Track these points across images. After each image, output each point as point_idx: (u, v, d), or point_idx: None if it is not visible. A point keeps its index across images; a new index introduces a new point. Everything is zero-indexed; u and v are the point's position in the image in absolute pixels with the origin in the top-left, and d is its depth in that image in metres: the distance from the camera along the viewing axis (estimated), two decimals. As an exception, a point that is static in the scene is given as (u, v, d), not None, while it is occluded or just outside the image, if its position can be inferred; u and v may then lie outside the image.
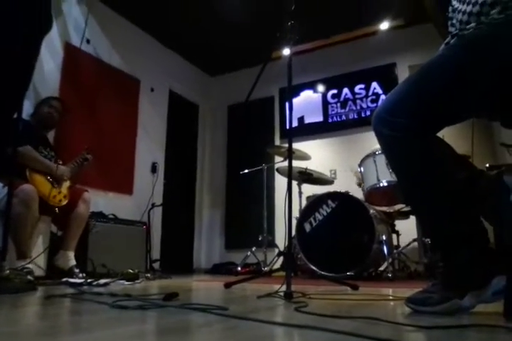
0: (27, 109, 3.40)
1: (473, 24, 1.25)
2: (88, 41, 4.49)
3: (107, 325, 0.97)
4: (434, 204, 1.28)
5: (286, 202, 2.07)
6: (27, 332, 0.88)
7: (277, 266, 4.27)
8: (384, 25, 5.23)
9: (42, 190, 2.77)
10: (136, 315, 1.13)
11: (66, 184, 3.05)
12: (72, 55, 4.27)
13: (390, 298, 1.90)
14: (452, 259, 1.25)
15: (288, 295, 1.61)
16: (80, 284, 2.32)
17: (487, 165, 1.82)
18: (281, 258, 4.30)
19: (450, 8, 1.40)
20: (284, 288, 1.73)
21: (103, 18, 4.71)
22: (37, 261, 2.68)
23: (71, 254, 2.97)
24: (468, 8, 1.28)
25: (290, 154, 2.14)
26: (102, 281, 2.37)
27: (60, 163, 3.13)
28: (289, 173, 2.09)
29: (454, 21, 1.35)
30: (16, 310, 1.29)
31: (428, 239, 3.42)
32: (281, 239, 4.17)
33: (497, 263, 1.21)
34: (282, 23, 2.33)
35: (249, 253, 4.55)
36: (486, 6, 1.23)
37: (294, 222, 3.73)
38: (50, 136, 3.61)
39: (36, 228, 2.79)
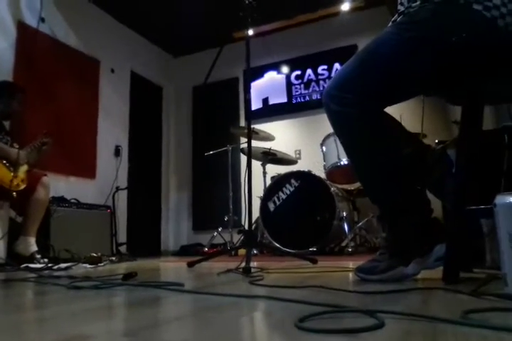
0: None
1: (418, 2, 1.29)
2: (43, 20, 4.31)
3: (60, 303, 0.98)
4: (381, 178, 1.33)
5: (246, 181, 2.10)
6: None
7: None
8: (345, 7, 5.26)
9: (-2, 175, 2.70)
10: (90, 294, 1.14)
11: (23, 168, 2.98)
12: (26, 34, 4.10)
13: (344, 269, 1.97)
14: (397, 229, 1.31)
15: (246, 270, 1.65)
16: (41, 269, 2.29)
17: (436, 140, 1.89)
18: (247, 238, 4.35)
19: None
20: (244, 264, 1.77)
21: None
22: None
23: (32, 240, 2.92)
24: None
25: (249, 134, 2.16)
26: (64, 265, 2.35)
27: (17, 147, 3.05)
28: (249, 152, 2.11)
29: (403, 0, 1.38)
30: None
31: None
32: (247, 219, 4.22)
33: (439, 232, 1.28)
34: (242, 2, 2.31)
35: (215, 233, 4.59)
36: None
37: (259, 202, 3.78)
38: (5, 119, 3.49)
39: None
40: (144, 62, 5.91)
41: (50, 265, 2.37)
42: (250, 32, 5.25)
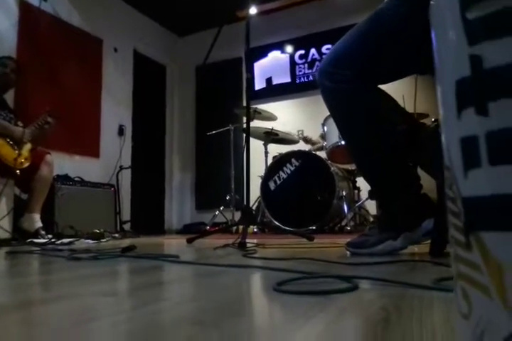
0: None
1: None
2: (45, -1, 4.30)
3: (60, 270, 1.03)
4: (372, 154, 1.35)
5: (245, 159, 2.13)
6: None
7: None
8: (349, -17, 5.17)
9: (2, 153, 2.75)
10: (89, 264, 1.20)
11: (27, 146, 3.02)
12: (28, 13, 4.10)
13: (339, 245, 2.01)
14: (387, 204, 1.35)
15: (241, 245, 1.69)
16: (44, 243, 2.36)
17: (433, 119, 1.90)
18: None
19: None
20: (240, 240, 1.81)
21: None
22: (1, 224, 2.70)
23: (37, 216, 2.99)
24: None
25: (248, 113, 2.18)
26: (66, 240, 2.42)
27: (21, 125, 3.08)
28: (247, 130, 2.14)
29: None
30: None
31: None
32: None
33: (428, 208, 1.32)
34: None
35: (217, 212, 4.65)
36: None
37: (260, 181, 3.83)
38: (10, 97, 3.53)
39: (0, 191, 2.78)
40: (147, 41, 5.88)
41: (53, 240, 2.44)
42: (253, 10, 5.18)
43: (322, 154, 3.75)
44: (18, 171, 2.83)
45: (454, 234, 0.24)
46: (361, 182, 4.25)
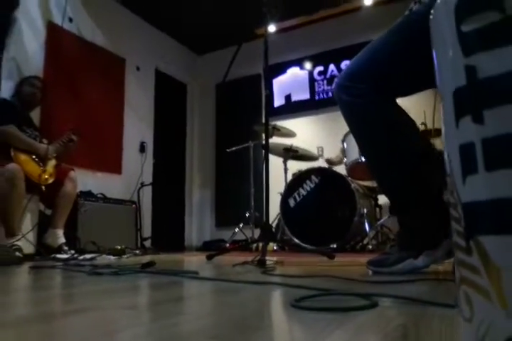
0: (10, 89, 3.42)
1: None
2: (71, 20, 4.45)
3: (81, 285, 1.05)
4: (391, 169, 1.34)
5: (264, 176, 2.14)
6: (16, 288, 0.95)
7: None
8: (368, 1, 5.21)
9: (28, 169, 2.83)
10: (110, 279, 1.21)
11: (51, 163, 3.10)
12: (55, 34, 4.25)
13: (360, 264, 1.98)
14: (407, 221, 1.32)
15: (261, 262, 1.69)
16: (67, 259, 2.40)
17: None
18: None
19: None
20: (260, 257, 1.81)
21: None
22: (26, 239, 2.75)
23: (60, 232, 3.04)
24: None
25: (266, 129, 2.20)
26: (88, 256, 2.45)
27: (45, 142, 3.17)
28: (266, 146, 2.15)
29: None
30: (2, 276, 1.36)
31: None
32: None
33: (449, 224, 1.29)
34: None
35: (236, 229, 4.65)
36: None
37: (280, 198, 3.82)
38: (36, 116, 3.63)
39: (25, 206, 2.85)
40: (168, 59, 6.01)
41: (76, 256, 2.47)
42: (272, 28, 5.25)
43: (342, 169, 3.74)
44: (43, 187, 2.90)
45: (456, 240, 0.24)
46: (383, 199, 4.21)
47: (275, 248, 4.01)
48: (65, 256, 2.60)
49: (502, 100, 0.21)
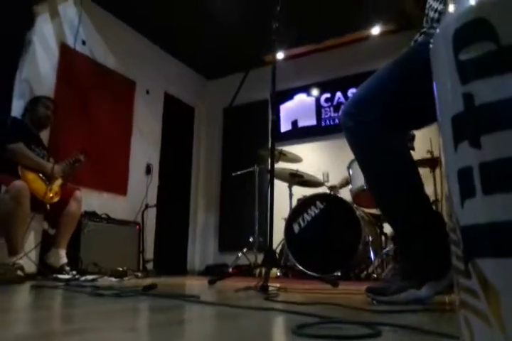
0: (22, 108, 3.48)
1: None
2: (84, 42, 4.56)
3: (82, 305, 1.04)
4: (393, 199, 1.33)
5: (269, 201, 2.14)
6: (17, 307, 0.95)
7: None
8: (375, 30, 5.31)
9: (34, 187, 2.84)
10: (110, 300, 1.20)
11: (58, 182, 3.12)
12: (68, 56, 4.34)
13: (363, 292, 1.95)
14: (410, 251, 1.31)
15: (263, 288, 1.67)
16: (68, 280, 2.38)
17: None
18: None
19: (427, 5, 1.42)
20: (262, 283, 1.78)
21: (99, 19, 4.78)
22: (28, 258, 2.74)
23: (62, 252, 3.03)
24: (440, 6, 1.32)
25: (272, 153, 2.22)
26: (90, 277, 2.43)
27: (52, 161, 3.20)
28: (271, 171, 2.16)
29: (428, 19, 1.39)
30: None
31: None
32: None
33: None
34: (271, 26, 2.41)
35: (240, 254, 4.60)
36: None
37: (284, 223, 3.80)
38: (45, 135, 3.68)
39: (28, 225, 2.85)
40: (177, 83, 6.11)
41: (77, 276, 2.46)
42: (280, 55, 5.35)
43: (347, 194, 3.72)
44: (48, 206, 2.90)
45: (455, 263, 0.24)
46: (388, 227, 4.17)
47: (278, 274, 3.96)
48: (66, 276, 2.58)
49: (498, 126, 0.22)
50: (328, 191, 4.02)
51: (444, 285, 1.25)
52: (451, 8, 0.27)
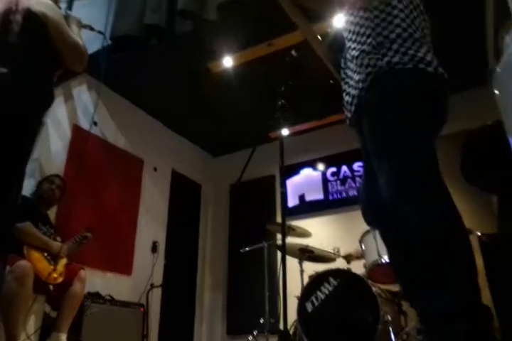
0: (32, 187, 3.50)
1: None
2: (95, 123, 4.72)
3: None
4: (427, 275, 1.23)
5: (280, 280, 2.04)
6: None
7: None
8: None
9: (38, 267, 2.75)
10: None
11: (63, 261, 3.03)
12: (79, 136, 4.47)
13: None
14: (440, 336, 1.15)
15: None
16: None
17: (478, 233, 1.82)
18: None
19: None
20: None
21: (111, 102, 4.97)
22: (26, 344, 2.57)
23: (64, 337, 2.86)
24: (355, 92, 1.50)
25: (283, 226, 2.16)
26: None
27: (59, 240, 3.15)
28: (283, 247, 2.09)
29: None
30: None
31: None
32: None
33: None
34: (275, 104, 2.50)
35: (250, 337, 4.32)
36: None
37: (296, 302, 3.60)
38: (53, 213, 3.66)
39: (29, 307, 2.71)
40: (184, 161, 6.22)
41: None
42: (285, 131, 5.48)
43: (359, 266, 3.58)
44: (51, 286, 2.79)
45: None
46: (407, 305, 3.94)
47: (292, 358, 3.67)
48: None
49: None
50: (341, 262, 3.87)
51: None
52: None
